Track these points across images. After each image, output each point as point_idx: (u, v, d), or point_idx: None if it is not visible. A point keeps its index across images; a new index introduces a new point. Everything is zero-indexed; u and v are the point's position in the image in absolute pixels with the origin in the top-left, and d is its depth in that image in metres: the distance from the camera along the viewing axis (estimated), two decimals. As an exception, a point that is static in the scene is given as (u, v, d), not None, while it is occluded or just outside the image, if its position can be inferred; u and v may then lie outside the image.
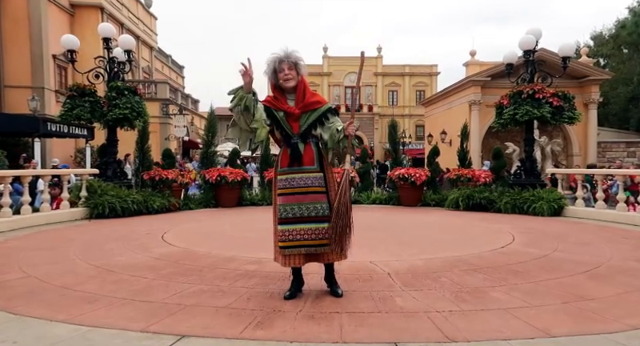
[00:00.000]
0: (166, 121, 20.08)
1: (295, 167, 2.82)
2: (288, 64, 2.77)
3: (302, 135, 2.84)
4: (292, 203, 2.79)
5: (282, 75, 2.78)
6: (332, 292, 2.97)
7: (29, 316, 2.55)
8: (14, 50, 15.93)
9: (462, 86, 18.73)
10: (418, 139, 34.40)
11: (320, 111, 2.86)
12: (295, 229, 2.77)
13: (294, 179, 2.81)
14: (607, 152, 18.89)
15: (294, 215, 2.78)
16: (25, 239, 5.31)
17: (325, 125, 2.85)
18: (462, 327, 2.39)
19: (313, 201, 2.79)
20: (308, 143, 2.86)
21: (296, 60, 2.79)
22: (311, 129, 2.85)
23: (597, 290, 3.09)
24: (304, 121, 2.84)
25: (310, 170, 2.83)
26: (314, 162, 2.85)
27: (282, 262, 2.85)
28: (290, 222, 2.78)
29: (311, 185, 2.80)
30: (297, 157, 2.82)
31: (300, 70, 2.82)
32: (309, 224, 2.78)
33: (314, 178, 2.82)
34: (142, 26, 24.11)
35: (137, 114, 8.48)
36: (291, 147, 2.84)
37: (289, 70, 2.78)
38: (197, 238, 5.44)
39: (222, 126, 32.25)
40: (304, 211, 2.78)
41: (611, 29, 28.50)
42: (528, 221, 6.99)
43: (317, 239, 2.78)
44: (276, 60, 2.78)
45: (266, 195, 9.95)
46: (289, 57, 2.77)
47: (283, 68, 2.77)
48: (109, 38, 8.52)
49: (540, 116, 8.38)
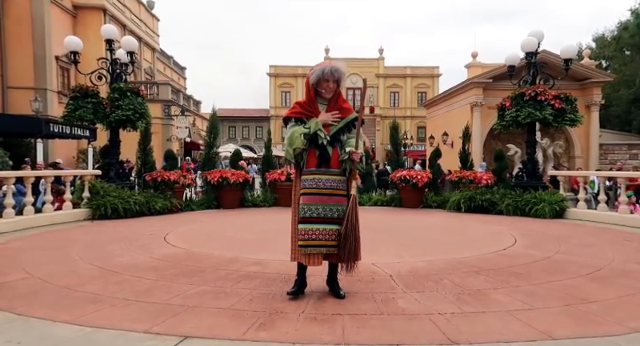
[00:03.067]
0: (168, 122, 20.14)
1: (322, 169, 2.93)
2: (335, 78, 2.93)
3: (331, 139, 2.95)
4: (316, 203, 2.87)
5: (326, 86, 2.94)
6: (334, 294, 3.00)
7: (32, 317, 2.57)
8: (17, 52, 16.00)
9: (464, 87, 18.71)
10: (419, 141, 34.40)
11: (348, 119, 3.00)
12: (318, 229, 2.85)
13: (320, 180, 2.91)
14: (609, 154, 18.85)
15: (318, 215, 2.85)
16: (28, 240, 5.33)
17: (351, 132, 3.00)
18: (464, 329, 2.40)
19: (336, 203, 2.90)
20: (335, 147, 2.97)
21: (340, 77, 2.96)
22: (339, 134, 2.98)
23: (599, 292, 3.09)
24: (334, 126, 2.97)
25: (335, 172, 2.95)
26: (339, 165, 2.96)
27: (305, 260, 2.90)
28: (313, 221, 2.85)
29: (336, 188, 2.92)
30: (325, 159, 2.93)
31: (340, 84, 3.01)
32: (331, 225, 2.86)
33: (339, 181, 2.94)
34: (144, 27, 24.20)
35: (139, 115, 8.50)
36: (320, 149, 2.93)
37: (333, 83, 2.95)
38: (199, 239, 5.45)
39: (224, 127, 32.33)
40: (327, 211, 2.87)
41: (613, 31, 28.48)
42: (530, 223, 6.99)
43: (336, 240, 2.86)
44: (326, 72, 2.90)
45: (268, 196, 9.97)
46: (338, 71, 2.93)
47: (328, 80, 2.93)
48: (111, 39, 8.56)
49: (542, 118, 8.38)
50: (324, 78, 2.92)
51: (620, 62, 26.75)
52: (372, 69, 36.57)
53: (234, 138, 38.87)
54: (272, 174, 10.00)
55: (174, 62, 32.10)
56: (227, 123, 38.19)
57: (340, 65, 2.95)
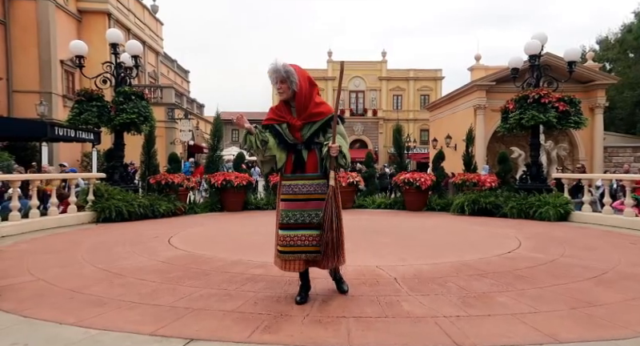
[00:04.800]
0: (172, 125, 20.21)
1: (298, 174, 2.86)
2: (279, 78, 2.76)
3: (306, 143, 2.87)
4: (294, 209, 2.82)
5: (279, 89, 2.80)
6: (338, 288, 3.09)
7: (38, 319, 2.58)
8: (22, 56, 16.15)
9: (467, 90, 18.71)
10: (422, 144, 34.36)
11: (322, 122, 2.85)
12: (297, 235, 2.79)
13: (296, 186, 2.84)
14: (614, 157, 18.77)
15: (295, 221, 2.80)
16: (33, 243, 5.36)
17: (327, 134, 2.85)
18: (470, 332, 2.39)
19: (315, 208, 2.81)
20: (312, 150, 2.89)
21: (286, 73, 2.73)
22: (314, 137, 2.87)
23: (605, 296, 3.07)
24: (306, 131, 2.85)
25: (313, 177, 2.86)
26: (318, 169, 2.87)
27: (280, 266, 2.87)
28: (291, 227, 2.80)
29: (314, 192, 2.83)
30: (300, 164, 2.86)
31: (292, 82, 2.75)
32: (310, 231, 2.80)
33: (317, 185, 2.84)
34: (149, 31, 24.35)
35: (144, 118, 8.55)
36: (295, 154, 2.88)
37: (281, 83, 2.77)
38: (203, 242, 5.46)
39: (228, 130, 32.24)
40: (306, 217, 2.80)
41: (617, 33, 28.44)
42: (534, 226, 6.96)
43: (318, 246, 2.80)
44: (269, 74, 2.78)
45: (271, 199, 9.97)
46: (277, 71, 2.74)
47: (276, 81, 2.78)
48: (116, 43, 8.62)
49: (546, 121, 8.35)
50: (272, 82, 2.78)
51: (624, 65, 26.67)
52: (375, 72, 36.62)
53: (238, 141, 38.99)
54: (275, 176, 10.00)
55: (178, 66, 32.25)
56: (231, 126, 38.32)
57: (279, 63, 2.74)
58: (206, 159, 10.83)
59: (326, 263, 2.81)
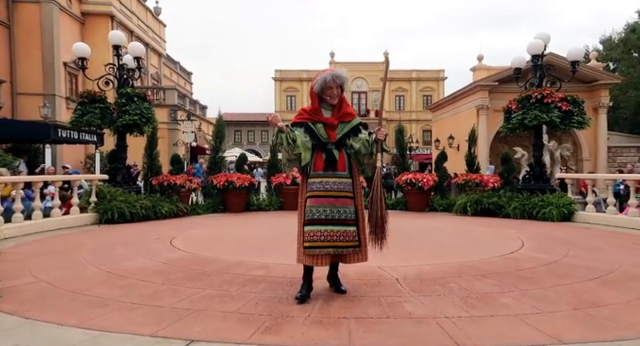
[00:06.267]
0: (174, 127, 20.26)
1: (330, 172, 3.01)
2: (339, 83, 3.03)
3: (337, 143, 3.05)
4: (324, 205, 2.92)
5: (330, 93, 3.03)
6: (335, 289, 3.13)
7: (40, 321, 2.58)
8: (26, 59, 16.23)
9: (470, 90, 18.67)
10: (425, 144, 34.31)
11: (353, 124, 3.11)
12: (326, 230, 2.90)
13: (327, 183, 2.98)
14: (618, 157, 18.68)
15: (325, 216, 2.90)
16: (36, 244, 5.38)
17: (357, 136, 3.10)
18: (472, 333, 2.38)
19: (343, 205, 2.96)
20: (341, 151, 3.06)
21: (343, 82, 3.06)
22: (345, 138, 3.07)
23: (608, 296, 3.05)
24: (340, 130, 3.07)
25: (342, 175, 3.03)
26: (346, 168, 3.06)
27: (309, 262, 2.93)
28: (321, 223, 2.90)
29: (343, 190, 2.99)
30: (332, 162, 3.01)
31: (344, 90, 3.12)
32: (337, 226, 2.92)
33: (345, 183, 3.01)
34: (151, 33, 24.43)
35: (146, 120, 8.57)
36: (327, 153, 3.02)
37: (337, 89, 3.04)
38: (205, 243, 5.46)
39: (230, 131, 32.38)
40: (335, 213, 2.92)
41: (621, 33, 28.32)
42: (537, 226, 6.92)
43: (344, 241, 2.93)
44: (328, 80, 2.99)
45: (273, 200, 9.98)
46: (340, 77, 3.02)
47: (332, 87, 3.01)
48: (119, 45, 8.65)
49: (549, 121, 8.32)
50: (327, 86, 3.01)
51: (628, 64, 26.56)
52: (377, 72, 36.62)
53: (240, 143, 39.05)
54: (277, 177, 10.02)
55: (181, 67, 32.32)
56: (233, 127, 38.38)
57: (341, 71, 3.06)
58: (208, 161, 10.85)
59: (352, 256, 3.03)
